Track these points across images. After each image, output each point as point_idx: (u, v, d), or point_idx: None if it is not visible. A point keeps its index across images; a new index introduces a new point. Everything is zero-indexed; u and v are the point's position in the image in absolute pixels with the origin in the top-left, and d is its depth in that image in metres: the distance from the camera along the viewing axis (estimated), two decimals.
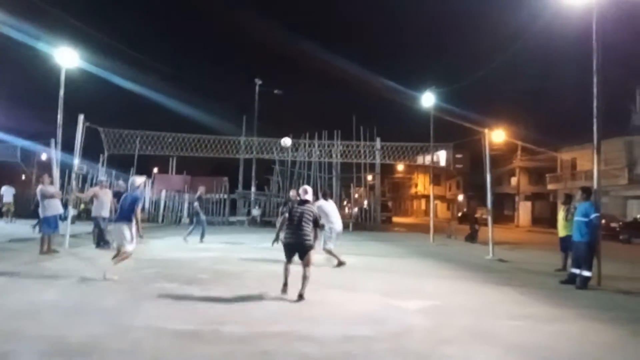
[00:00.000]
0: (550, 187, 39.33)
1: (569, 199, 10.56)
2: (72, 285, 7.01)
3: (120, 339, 4.42)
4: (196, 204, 15.23)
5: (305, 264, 6.78)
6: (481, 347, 4.56)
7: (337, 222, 10.47)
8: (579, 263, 8.35)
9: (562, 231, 10.22)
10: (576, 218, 8.61)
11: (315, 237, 7.05)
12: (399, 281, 8.44)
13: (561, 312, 6.28)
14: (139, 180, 8.48)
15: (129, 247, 7.90)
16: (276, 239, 9.02)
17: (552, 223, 15.10)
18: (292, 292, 6.53)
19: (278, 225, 7.84)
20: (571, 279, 8.47)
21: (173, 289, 6.96)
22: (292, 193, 8.18)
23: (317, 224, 7.00)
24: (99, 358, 3.88)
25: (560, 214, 10.42)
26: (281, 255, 6.92)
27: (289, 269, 6.90)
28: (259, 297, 6.66)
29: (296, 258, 6.88)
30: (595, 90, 9.02)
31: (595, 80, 9.04)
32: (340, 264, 9.91)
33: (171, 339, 4.49)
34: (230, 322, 5.15)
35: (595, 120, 8.95)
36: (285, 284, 6.81)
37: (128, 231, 7.87)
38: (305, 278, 6.68)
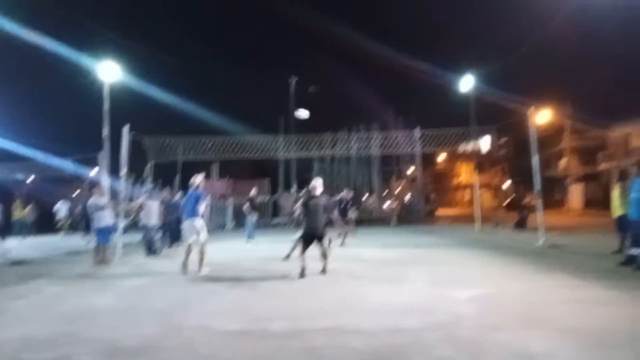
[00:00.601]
0: (602, 166, 37.51)
1: (624, 175, 10.02)
2: (125, 291, 7.28)
3: (172, 338, 4.55)
4: (246, 206, 15.53)
5: (324, 246, 8.28)
6: (535, 332, 4.40)
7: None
8: (637, 242, 7.92)
9: (617, 211, 9.70)
10: (633, 195, 8.17)
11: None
12: (446, 271, 8.27)
13: (619, 295, 5.97)
14: (198, 179, 9.40)
15: (203, 238, 9.00)
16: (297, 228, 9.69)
17: (606, 205, 14.35)
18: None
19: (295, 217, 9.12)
20: (629, 261, 8.05)
21: (221, 290, 7.11)
22: (313, 184, 8.63)
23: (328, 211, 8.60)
24: (154, 357, 4.00)
25: (615, 193, 9.89)
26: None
27: (305, 256, 8.14)
28: (305, 293, 6.69)
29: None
30: None
31: None
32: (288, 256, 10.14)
33: (222, 337, 4.59)
34: (278, 319, 5.19)
35: None
36: (303, 270, 8.00)
37: (198, 224, 9.02)
38: (325, 256, 8.25)
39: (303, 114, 19.93)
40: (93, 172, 28.61)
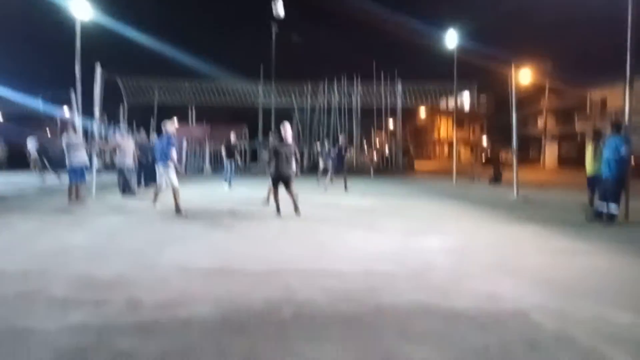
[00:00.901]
0: (578, 127, 38.16)
1: (598, 135, 10.19)
2: (99, 229, 7.22)
3: (147, 276, 4.56)
4: (223, 150, 15.37)
5: (291, 189, 8.89)
6: (505, 278, 4.55)
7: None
8: (606, 198, 8.16)
9: (590, 169, 9.92)
10: (605, 154, 8.34)
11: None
12: (421, 221, 8.42)
13: (587, 247, 6.19)
14: (169, 124, 9.43)
15: (175, 183, 9.23)
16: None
17: (580, 164, 14.67)
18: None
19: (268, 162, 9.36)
20: (598, 215, 8.32)
21: (197, 232, 7.11)
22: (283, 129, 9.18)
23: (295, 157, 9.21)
24: (129, 292, 4.00)
25: (589, 151, 10.08)
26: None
27: (278, 197, 8.95)
28: (281, 238, 6.75)
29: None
30: (629, 18, 8.48)
31: (630, 9, 8.48)
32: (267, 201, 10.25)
33: (197, 275, 4.61)
34: (254, 260, 5.24)
35: (628, 50, 8.46)
36: (278, 209, 8.92)
37: (167, 172, 9.21)
38: (295, 196, 8.90)
39: (280, 9, 18.42)
40: (65, 112, 27.74)
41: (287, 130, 9.02)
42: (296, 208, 8.85)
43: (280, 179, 8.90)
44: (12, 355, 2.78)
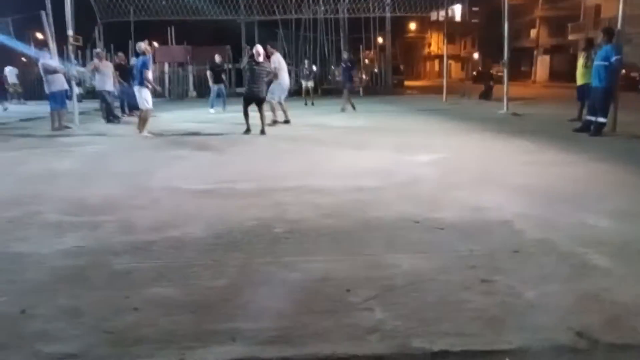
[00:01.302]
0: (571, 37, 37.21)
1: (590, 44, 10.00)
2: (86, 155, 7.16)
3: (138, 197, 4.60)
4: (208, 73, 14.95)
5: (261, 108, 9.15)
6: (488, 190, 4.66)
7: (285, 79, 10.62)
8: (594, 109, 8.17)
9: (580, 79, 9.84)
10: (596, 62, 8.22)
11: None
12: (409, 138, 8.44)
13: (572, 157, 6.30)
14: (143, 44, 9.29)
15: (146, 106, 9.15)
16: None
17: (571, 77, 14.45)
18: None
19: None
20: (586, 127, 8.38)
21: (185, 155, 7.09)
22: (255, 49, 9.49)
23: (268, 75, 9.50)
24: (121, 214, 4.05)
25: (580, 61, 9.94)
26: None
27: (248, 113, 9.20)
28: (270, 158, 6.76)
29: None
30: None
31: None
32: (276, 122, 10.33)
33: (187, 196, 4.66)
34: (244, 180, 5.27)
35: None
36: (248, 127, 9.18)
37: (141, 93, 9.07)
38: (263, 118, 9.08)
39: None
40: (37, 35, 26.34)
41: (259, 50, 9.23)
42: (263, 129, 9.00)
43: (252, 98, 9.11)
44: (8, 278, 2.85)
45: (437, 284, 2.67)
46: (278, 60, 10.44)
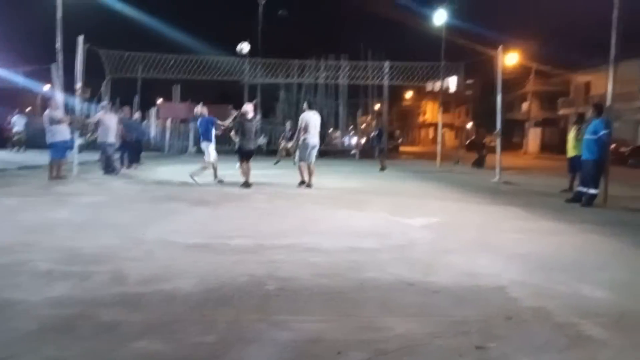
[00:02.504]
0: (561, 111, 38.58)
1: (581, 118, 10.38)
2: (82, 206, 7.16)
3: (132, 250, 4.56)
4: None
5: (248, 163, 9.87)
6: (484, 255, 4.66)
7: (313, 136, 10.17)
8: (586, 181, 8.34)
9: (571, 151, 10.11)
10: (586, 136, 8.48)
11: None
12: (404, 202, 8.52)
13: (565, 227, 6.35)
14: (197, 108, 10.98)
15: (208, 159, 10.62)
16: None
17: (561, 149, 14.89)
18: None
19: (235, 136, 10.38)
20: (577, 198, 8.51)
21: (182, 209, 7.10)
22: (245, 108, 10.28)
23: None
24: (113, 265, 4.01)
25: (571, 134, 10.26)
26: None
27: (249, 167, 9.88)
28: (267, 215, 6.78)
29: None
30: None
31: None
32: (302, 183, 10.22)
33: (182, 250, 4.63)
34: (239, 236, 5.26)
35: (614, 31, 8.51)
36: (247, 182, 9.82)
37: (208, 148, 10.58)
38: (246, 170, 9.81)
39: (245, 47, 20.01)
40: (46, 87, 27.10)
41: (248, 109, 9.92)
42: (246, 182, 9.69)
43: (247, 152, 9.80)
44: None
45: (431, 349, 2.63)
46: (303, 119, 10.06)
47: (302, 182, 10.19)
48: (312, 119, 10.07)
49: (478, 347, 2.65)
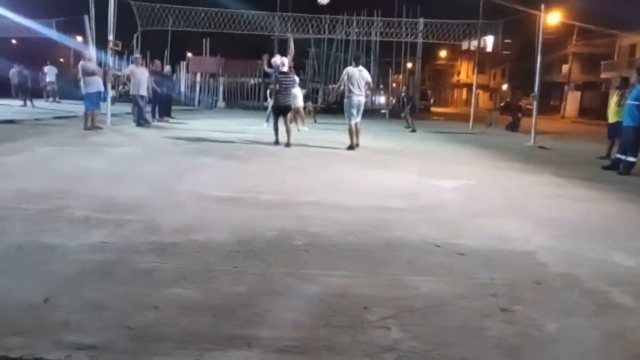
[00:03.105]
0: (604, 75, 36.79)
1: (625, 82, 9.87)
2: (116, 156, 7.34)
3: (164, 200, 4.69)
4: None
5: (287, 121, 9.44)
6: (513, 220, 4.60)
7: (357, 94, 9.28)
8: (625, 148, 8.04)
9: (612, 117, 9.70)
10: (628, 101, 8.11)
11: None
12: (435, 163, 8.42)
13: (598, 194, 6.18)
14: (279, 59, 9.89)
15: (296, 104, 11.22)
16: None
17: (601, 114, 14.28)
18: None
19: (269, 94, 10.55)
20: (615, 165, 8.23)
21: (212, 163, 7.20)
22: (276, 60, 9.93)
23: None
24: (147, 214, 4.14)
25: (613, 99, 9.81)
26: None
27: (278, 127, 9.48)
28: (295, 173, 6.82)
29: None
30: None
31: None
32: (350, 147, 9.48)
33: (212, 202, 4.73)
34: (268, 192, 5.33)
35: None
36: (277, 140, 9.43)
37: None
38: (289, 131, 9.36)
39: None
40: (78, 39, 27.34)
41: (283, 61, 9.39)
42: (288, 141, 9.27)
43: (280, 108, 9.35)
44: (35, 268, 2.93)
45: (456, 309, 2.65)
46: (347, 74, 9.27)
47: (350, 147, 9.45)
48: (356, 74, 9.21)
49: (503, 309, 2.66)
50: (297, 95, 11.67)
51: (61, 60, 33.41)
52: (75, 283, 2.74)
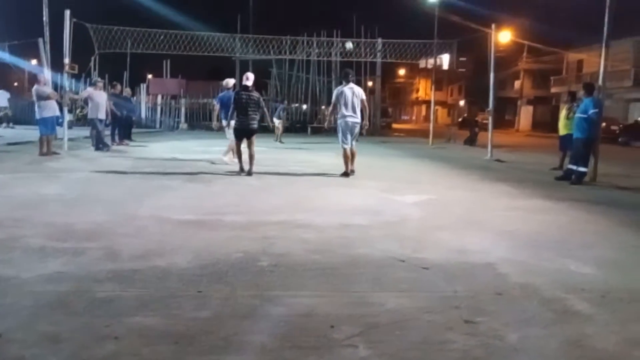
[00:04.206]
0: (553, 89, 38.61)
1: (572, 97, 10.40)
2: (73, 182, 7.12)
3: (124, 226, 4.57)
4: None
5: (250, 144, 8.28)
6: (473, 233, 4.72)
7: (349, 114, 8.34)
8: (576, 159, 8.42)
9: (562, 130, 10.18)
10: (577, 115, 8.54)
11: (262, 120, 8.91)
12: (396, 179, 8.56)
13: (553, 205, 6.43)
14: (231, 81, 9.94)
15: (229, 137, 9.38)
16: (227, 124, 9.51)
17: (553, 127, 14.99)
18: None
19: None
20: (567, 176, 8.60)
21: (174, 185, 7.09)
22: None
23: (261, 107, 8.40)
24: (106, 241, 4.02)
25: (563, 113, 10.32)
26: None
27: (241, 150, 8.40)
28: (259, 192, 6.79)
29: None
30: None
31: None
32: (345, 174, 8.51)
33: (175, 226, 4.64)
34: (232, 213, 5.28)
35: (607, 9, 8.48)
36: (241, 167, 8.36)
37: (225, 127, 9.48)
38: (251, 157, 8.27)
39: (349, 45, 20.97)
40: (32, 62, 26.52)
41: (248, 75, 8.43)
42: (250, 169, 8.19)
43: (243, 132, 8.25)
44: None
45: (421, 323, 2.69)
46: (337, 94, 8.43)
47: (344, 173, 8.48)
48: (347, 93, 8.26)
49: (467, 321, 2.72)
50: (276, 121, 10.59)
51: (15, 84, 32.34)
52: (31, 316, 2.62)
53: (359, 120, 8.38)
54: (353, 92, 8.30)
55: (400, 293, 3.12)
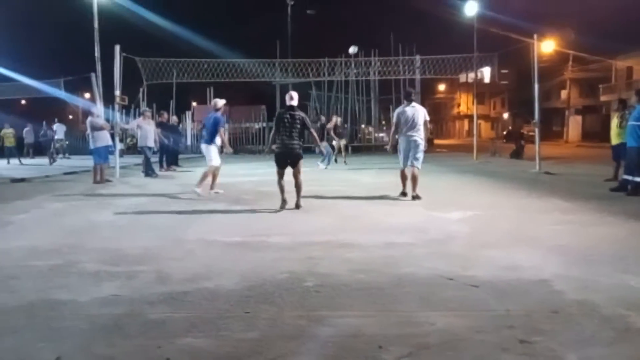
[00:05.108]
0: (603, 98, 37.06)
1: (623, 104, 9.95)
2: (125, 208, 7.40)
3: (173, 250, 4.70)
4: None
5: (296, 172, 7.05)
6: (523, 249, 4.56)
7: (409, 134, 7.90)
8: (631, 169, 8.01)
9: (615, 139, 9.72)
10: (630, 122, 8.15)
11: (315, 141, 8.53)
12: (441, 195, 8.41)
13: (608, 218, 6.12)
14: (220, 102, 8.90)
15: (212, 164, 8.74)
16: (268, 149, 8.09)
17: (604, 137, 14.39)
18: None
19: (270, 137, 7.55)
20: (622, 187, 8.19)
21: (220, 208, 7.24)
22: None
23: (307, 128, 7.17)
24: (157, 266, 4.14)
25: (614, 121, 9.87)
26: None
27: (283, 185, 7.12)
28: (303, 214, 6.82)
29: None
30: None
31: None
32: (403, 194, 8.16)
33: (222, 249, 4.74)
34: (276, 234, 5.34)
35: None
36: (283, 200, 7.04)
37: (209, 150, 8.77)
38: (298, 187, 7.06)
39: (353, 49, 21.95)
40: (86, 95, 28.09)
41: (292, 94, 7.32)
42: (297, 202, 7.09)
43: (285, 156, 7.00)
44: (47, 325, 2.92)
45: (474, 344, 2.60)
46: (397, 114, 8.06)
47: (402, 193, 8.13)
48: (407, 113, 7.88)
49: (522, 341, 2.61)
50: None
51: (70, 117, 34.28)
52: (87, 339, 2.73)
53: (420, 139, 7.90)
54: (414, 112, 7.92)
55: (449, 312, 3.04)
